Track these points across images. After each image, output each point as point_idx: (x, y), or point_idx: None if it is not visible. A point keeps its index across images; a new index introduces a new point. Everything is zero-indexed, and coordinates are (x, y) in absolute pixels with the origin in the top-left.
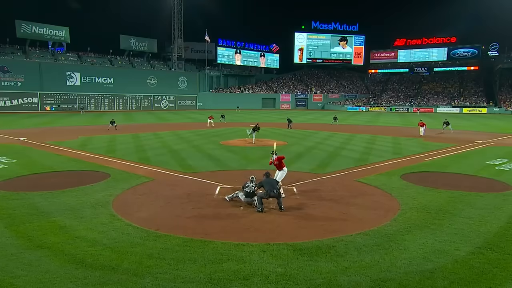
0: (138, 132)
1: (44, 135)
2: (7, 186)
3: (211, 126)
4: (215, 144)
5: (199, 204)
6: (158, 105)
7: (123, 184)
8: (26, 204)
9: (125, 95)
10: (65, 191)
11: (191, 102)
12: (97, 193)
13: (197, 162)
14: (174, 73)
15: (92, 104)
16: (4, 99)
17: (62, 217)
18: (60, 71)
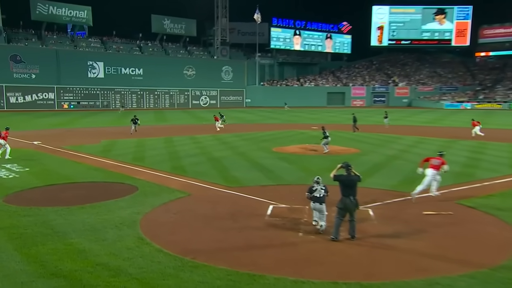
0: (172, 135)
1: (61, 138)
2: (18, 200)
3: (221, 129)
4: (266, 151)
5: (246, 227)
6: (196, 102)
7: (153, 200)
8: (40, 222)
9: (156, 90)
10: (84, 206)
11: (237, 98)
12: (122, 210)
13: (244, 174)
14: (216, 61)
15: (117, 100)
16: (16, 94)
17: (81, 239)
18: (80, 61)
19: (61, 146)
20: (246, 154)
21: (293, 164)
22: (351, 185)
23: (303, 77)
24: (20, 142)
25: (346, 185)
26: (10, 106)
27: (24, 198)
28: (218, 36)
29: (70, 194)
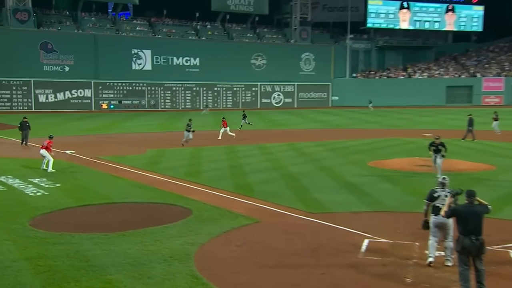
0: (235, 143)
1: (98, 147)
2: (47, 223)
3: (230, 136)
4: (360, 166)
5: (332, 268)
6: (266, 101)
7: (211, 227)
8: (72, 253)
9: (216, 85)
10: (126, 234)
11: (320, 95)
12: (172, 239)
13: (330, 196)
14: (294, 47)
15: (167, 98)
16: (47, 91)
17: (121, 275)
18: (123, 48)
19: (98, 156)
20: (332, 169)
21: (397, 184)
22: (474, 219)
23: (412, 65)
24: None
25: (466, 219)
26: (39, 106)
27: (54, 222)
28: (297, 14)
29: (109, 218)
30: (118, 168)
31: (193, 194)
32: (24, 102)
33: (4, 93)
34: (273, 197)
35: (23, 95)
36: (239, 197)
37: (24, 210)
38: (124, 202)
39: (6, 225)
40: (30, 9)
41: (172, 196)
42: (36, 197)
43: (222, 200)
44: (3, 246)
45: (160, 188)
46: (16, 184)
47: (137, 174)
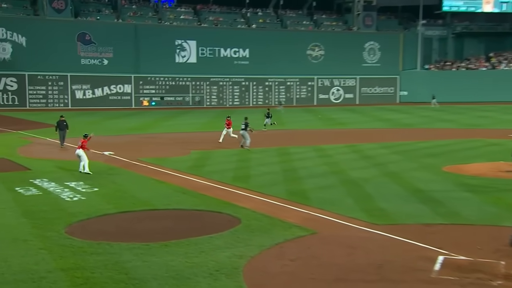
0: (288, 144)
1: (139, 148)
2: (83, 231)
3: (238, 139)
4: (433, 171)
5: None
6: (324, 96)
7: (262, 239)
8: (111, 263)
9: (268, 79)
10: (168, 244)
11: (387, 89)
12: (219, 251)
13: (397, 206)
14: (356, 35)
15: (213, 94)
16: (84, 87)
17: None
18: (166, 39)
19: (139, 158)
20: (400, 175)
21: (478, 193)
22: None
23: (497, 55)
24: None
25: None
26: (75, 103)
27: (91, 229)
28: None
29: (150, 226)
30: (160, 171)
31: (242, 201)
32: (60, 98)
33: (40, 89)
34: (331, 206)
35: (59, 91)
36: (293, 205)
37: (60, 216)
38: (166, 209)
39: (41, 233)
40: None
41: (219, 203)
42: (72, 202)
43: (274, 208)
44: (38, 256)
45: (206, 194)
46: (52, 188)
47: (181, 178)
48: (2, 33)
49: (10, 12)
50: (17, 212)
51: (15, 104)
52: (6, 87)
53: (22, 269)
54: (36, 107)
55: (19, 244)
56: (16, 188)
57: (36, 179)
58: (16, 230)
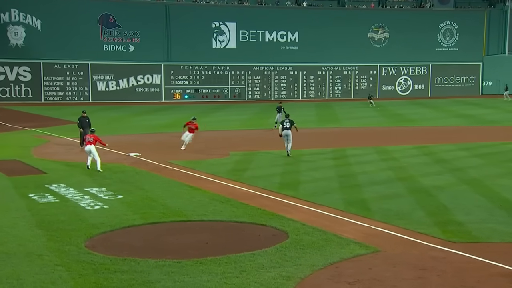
0: (344, 145)
1: (169, 148)
2: (107, 245)
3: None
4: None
5: None
6: (389, 88)
7: (314, 256)
8: (137, 284)
9: (321, 68)
10: (203, 261)
11: (467, 79)
12: (262, 271)
13: (480, 220)
14: (429, 14)
15: (256, 86)
16: (107, 77)
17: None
18: (201, 21)
19: (169, 160)
20: (483, 183)
21: None
22: None
23: None
24: (111, 154)
25: None
26: (97, 96)
27: (115, 243)
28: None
29: (182, 240)
30: (194, 176)
31: (290, 212)
32: (79, 91)
33: (56, 79)
34: (398, 219)
35: (79, 82)
36: (351, 217)
37: (80, 227)
38: (201, 220)
39: (58, 247)
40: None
41: (263, 214)
42: (93, 211)
43: (328, 220)
44: (55, 273)
45: (247, 203)
46: (70, 195)
47: (218, 184)
48: (15, 15)
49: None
50: (31, 223)
51: (28, 97)
52: (19, 77)
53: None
54: (52, 100)
55: (33, 260)
56: (30, 195)
57: (52, 184)
58: (30, 243)
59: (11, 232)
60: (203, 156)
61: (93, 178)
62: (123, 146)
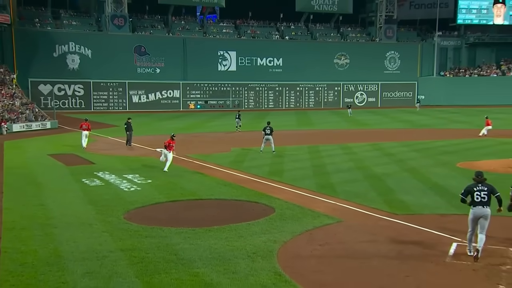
0: (318, 143)
1: (186, 145)
2: (140, 217)
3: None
4: (448, 167)
5: (418, 271)
6: (349, 100)
7: (294, 226)
8: (162, 245)
9: (299, 85)
10: (212, 229)
11: (405, 94)
12: (255, 236)
13: (416, 198)
14: (379, 45)
15: (251, 98)
16: (139, 92)
17: (208, 269)
18: (210, 50)
19: (186, 154)
20: (418, 170)
21: None
22: None
23: (507, 62)
24: (143, 149)
25: None
26: (132, 106)
27: (146, 216)
28: (382, 12)
29: (196, 214)
30: (204, 166)
31: (276, 193)
32: (119, 102)
33: (102, 94)
34: (356, 198)
35: (119, 96)
36: (321, 196)
37: (119, 204)
38: (210, 199)
39: (103, 218)
40: (126, 15)
41: (256, 194)
42: (130, 192)
43: (304, 199)
44: (102, 238)
45: (244, 186)
46: (112, 180)
47: (223, 172)
48: (72, 47)
49: (78, 28)
50: (84, 200)
51: (81, 107)
52: (75, 92)
53: (88, 249)
54: (99, 109)
55: (85, 228)
56: (82, 180)
57: (99, 171)
58: (83, 215)
59: (70, 207)
60: (211, 150)
61: (129, 167)
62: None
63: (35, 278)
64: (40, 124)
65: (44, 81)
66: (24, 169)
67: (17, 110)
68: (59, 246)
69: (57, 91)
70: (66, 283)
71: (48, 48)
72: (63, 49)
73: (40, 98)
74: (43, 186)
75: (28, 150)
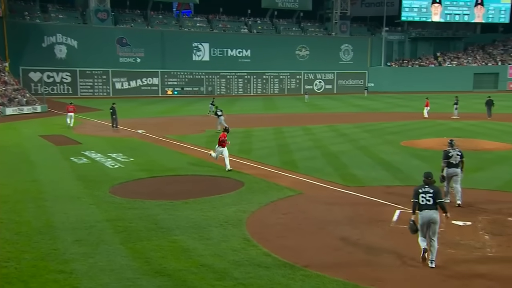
0: (282, 125)
1: (165, 127)
2: (123, 191)
3: None
4: (394, 146)
5: (367, 235)
6: (309, 87)
7: (261, 197)
8: (144, 216)
9: (265, 73)
10: (188, 201)
11: (357, 82)
12: (227, 207)
13: (366, 172)
14: (334, 39)
15: (222, 85)
16: (122, 80)
17: (185, 237)
18: (185, 42)
19: (165, 135)
20: (368, 148)
21: (428, 161)
22: None
23: (443, 55)
24: (125, 131)
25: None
26: (115, 92)
27: (129, 190)
28: (337, 9)
29: (174, 188)
30: (181, 145)
31: (245, 169)
32: (103, 88)
33: (88, 81)
34: (315, 172)
35: (103, 83)
36: (285, 172)
37: (105, 180)
38: (187, 175)
39: (91, 192)
40: (109, 9)
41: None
42: (114, 169)
43: (270, 174)
44: (89, 209)
45: (217, 163)
46: (98, 158)
47: (198, 151)
48: (59, 38)
49: (65, 21)
50: (72, 176)
51: (69, 93)
52: (63, 79)
53: (77, 220)
54: (85, 95)
55: (74, 201)
56: (71, 158)
57: (86, 151)
58: (72, 190)
59: (60, 182)
60: (188, 132)
61: (114, 146)
62: (134, 125)
63: (29, 245)
64: (31, 108)
65: (34, 69)
66: (17, 148)
67: (10, 95)
68: (51, 217)
69: (46, 78)
70: (57, 249)
71: (37, 39)
72: (51, 40)
73: (31, 85)
74: (35, 163)
75: (20, 131)
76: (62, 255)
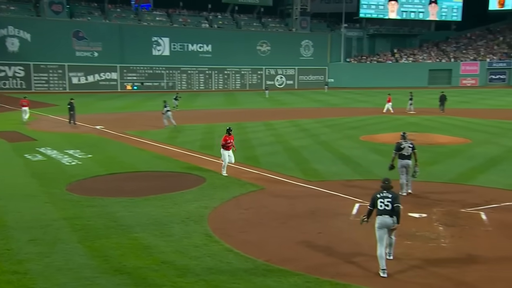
0: (243, 120)
1: (124, 123)
2: (81, 189)
3: None
4: (353, 140)
5: (328, 228)
6: (270, 82)
7: (223, 193)
8: (103, 214)
9: (226, 69)
10: (149, 198)
11: (318, 77)
12: (188, 203)
13: (326, 167)
14: (295, 35)
15: (183, 80)
16: (79, 74)
17: (146, 234)
18: (144, 36)
19: (124, 131)
20: (329, 143)
21: (386, 156)
22: None
23: (399, 51)
24: (83, 127)
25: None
26: (72, 87)
27: (87, 187)
28: (298, 5)
29: (134, 185)
30: (141, 141)
31: (207, 165)
32: (59, 83)
33: (42, 75)
34: (277, 167)
35: (59, 78)
36: (247, 167)
37: (62, 177)
38: (147, 171)
39: (46, 190)
40: (63, 1)
41: (189, 166)
42: (71, 166)
43: (232, 170)
44: (45, 208)
45: (178, 159)
46: (54, 155)
47: (158, 147)
48: (11, 30)
49: (17, 13)
50: (27, 174)
51: (22, 87)
52: (15, 74)
53: (32, 218)
54: (40, 90)
55: (29, 199)
56: (25, 155)
57: (41, 147)
58: (27, 188)
59: (14, 180)
60: (148, 128)
61: (70, 143)
62: (92, 121)
63: None
64: None
65: None
66: None
67: None
68: (4, 216)
69: None
70: (11, 250)
71: None
72: (2, 32)
73: None
74: None
75: None
76: (16, 255)
